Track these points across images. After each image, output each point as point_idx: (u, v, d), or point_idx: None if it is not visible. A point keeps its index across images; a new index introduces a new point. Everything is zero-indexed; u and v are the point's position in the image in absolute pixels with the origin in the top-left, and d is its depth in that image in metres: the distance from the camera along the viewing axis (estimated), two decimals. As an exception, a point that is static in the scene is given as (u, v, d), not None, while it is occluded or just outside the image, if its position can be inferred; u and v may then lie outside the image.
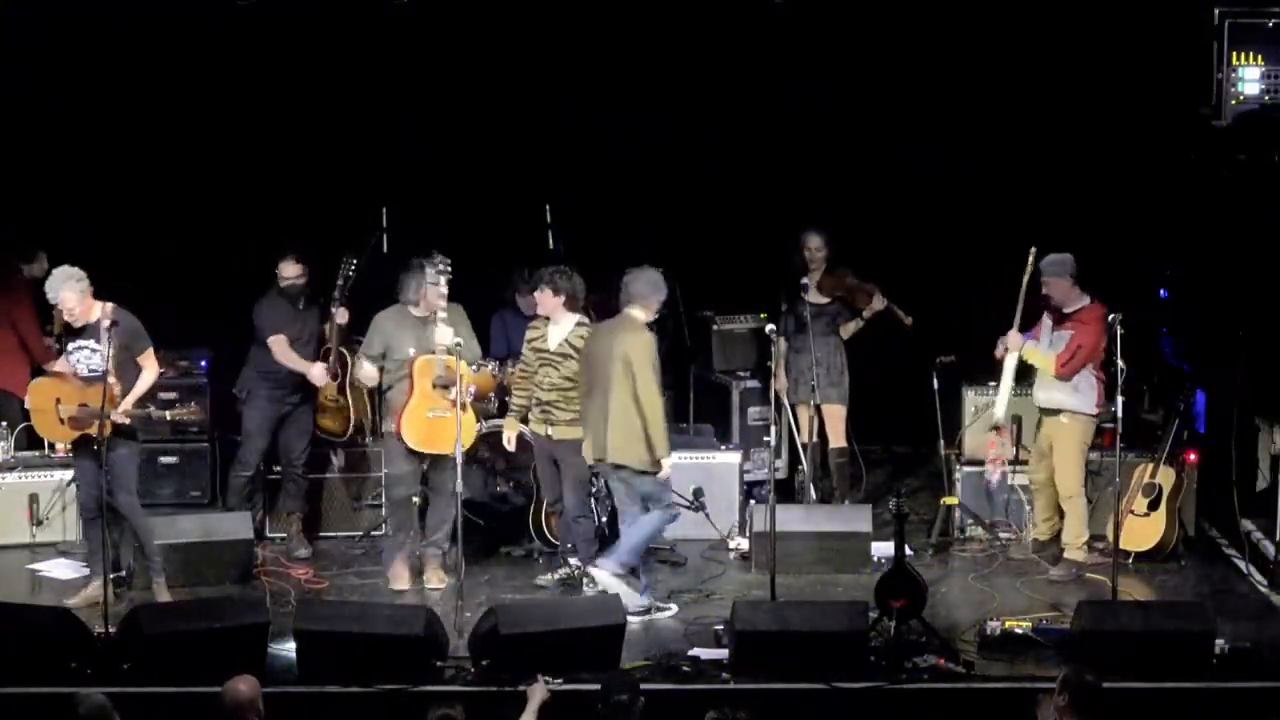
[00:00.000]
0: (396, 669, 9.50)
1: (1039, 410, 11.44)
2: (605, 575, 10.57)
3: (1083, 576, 11.22)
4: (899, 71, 13.14)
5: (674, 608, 10.76)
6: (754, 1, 12.43)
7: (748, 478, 12.52)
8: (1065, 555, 11.36)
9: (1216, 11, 11.22)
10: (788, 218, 12.65)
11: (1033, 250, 11.06)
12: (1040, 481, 11.52)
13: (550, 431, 11.01)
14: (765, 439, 12.21)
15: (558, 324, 11.03)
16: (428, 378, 10.73)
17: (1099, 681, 8.32)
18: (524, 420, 11.25)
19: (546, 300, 11.03)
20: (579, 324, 11.04)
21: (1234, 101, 11.26)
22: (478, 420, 11.29)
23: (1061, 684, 8.32)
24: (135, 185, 13.23)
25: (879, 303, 12.35)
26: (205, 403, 12.36)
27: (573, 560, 11.10)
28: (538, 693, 8.69)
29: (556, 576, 11.19)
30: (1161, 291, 13.19)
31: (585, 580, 10.91)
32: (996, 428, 11.60)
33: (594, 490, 11.75)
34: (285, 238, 12.97)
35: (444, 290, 10.72)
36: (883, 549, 11.28)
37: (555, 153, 13.36)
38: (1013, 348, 11.23)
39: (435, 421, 10.69)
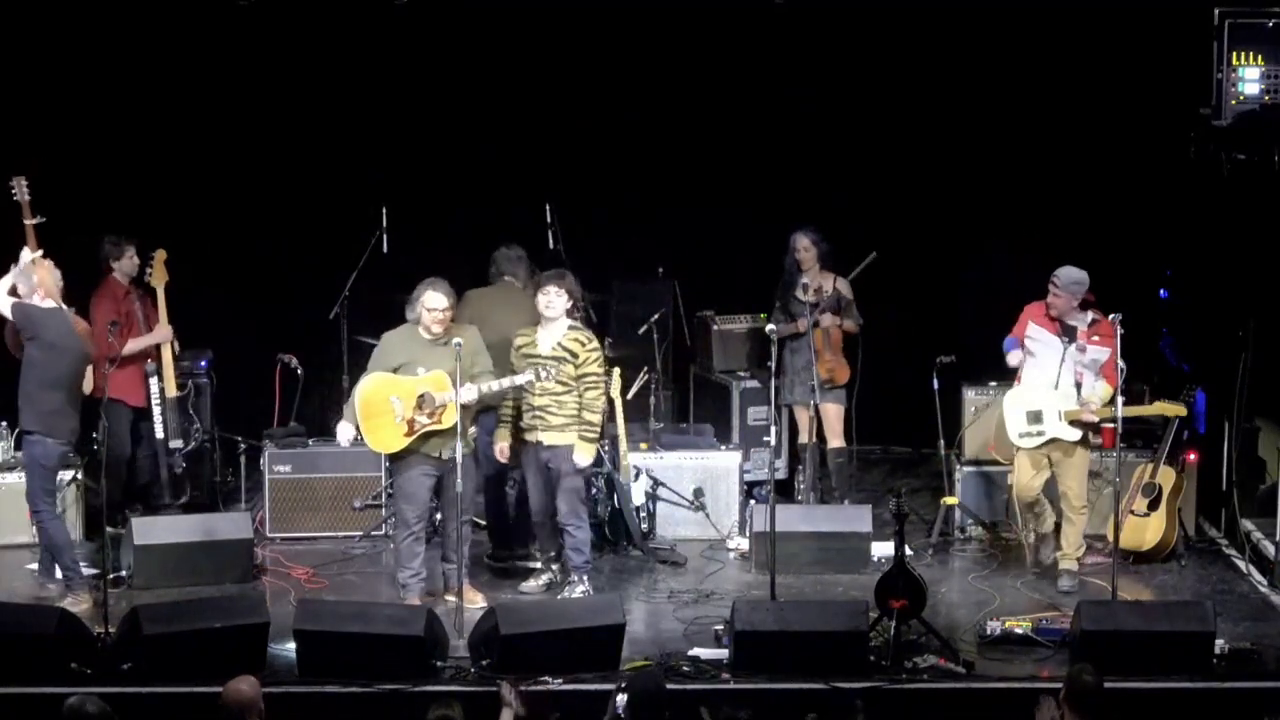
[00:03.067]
0: (396, 669, 9.50)
1: (1050, 441, 11.07)
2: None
3: (1085, 584, 11.18)
4: (899, 71, 13.15)
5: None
6: (754, 1, 12.45)
7: (748, 478, 12.53)
8: (1063, 566, 11.19)
9: (1216, 11, 11.23)
10: (788, 218, 12.64)
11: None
12: (1034, 496, 11.20)
13: (542, 437, 10.79)
14: (765, 439, 12.20)
15: (550, 328, 10.81)
16: (429, 387, 10.34)
17: (1100, 680, 8.34)
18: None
19: (560, 303, 10.76)
20: (571, 327, 10.84)
21: (1234, 101, 11.27)
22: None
23: (1065, 681, 8.35)
24: (133, 184, 13.22)
25: (851, 326, 12.27)
26: (206, 402, 12.38)
27: (554, 566, 11.07)
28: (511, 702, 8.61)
29: (540, 583, 11.12)
30: (1161, 291, 13.19)
31: (568, 585, 10.89)
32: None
33: (593, 492, 11.74)
34: (285, 237, 13.03)
35: (440, 316, 10.39)
36: (883, 549, 11.28)
37: (555, 152, 13.36)
38: (1101, 412, 10.93)
39: (388, 411, 10.36)
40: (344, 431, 10.63)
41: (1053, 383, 11.04)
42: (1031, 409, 11.07)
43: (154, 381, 11.81)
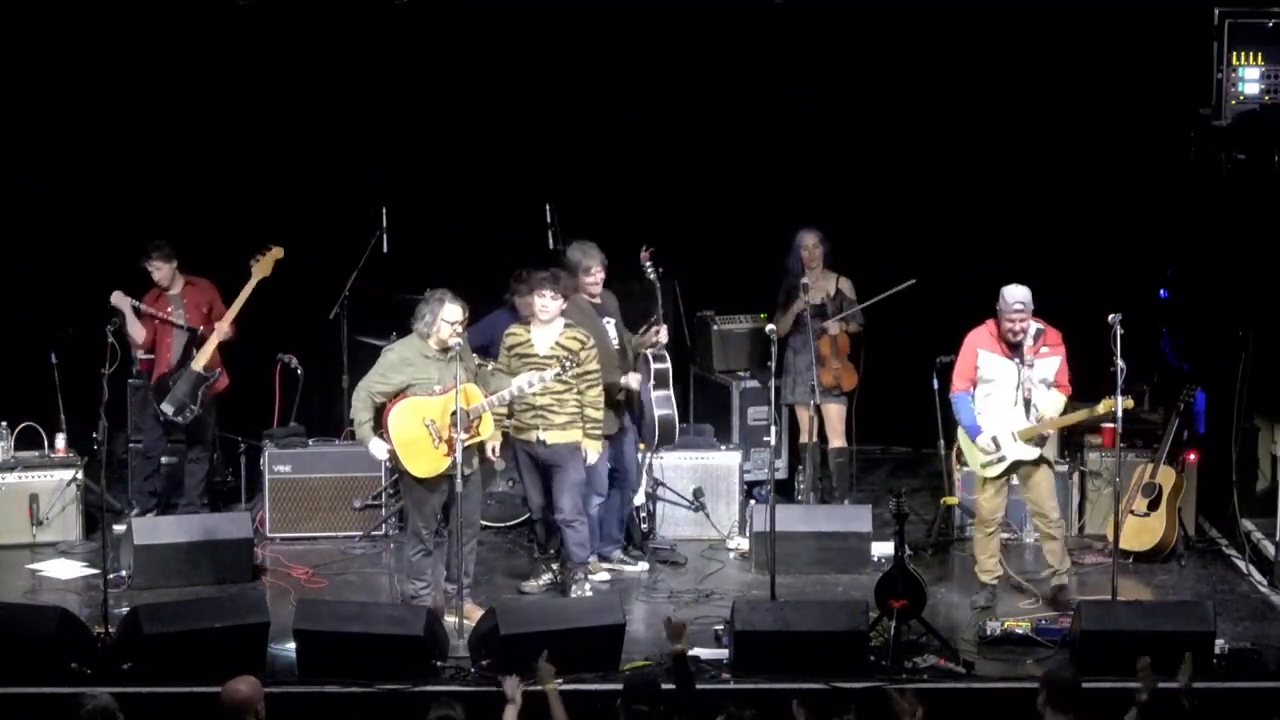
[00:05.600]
0: (396, 669, 9.50)
1: (1014, 463, 10.70)
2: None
3: (1084, 584, 11.14)
4: (899, 71, 13.15)
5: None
6: (754, 1, 12.45)
7: (748, 478, 12.52)
8: (1055, 583, 10.89)
9: (1216, 11, 11.22)
10: (788, 218, 12.64)
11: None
12: (1000, 519, 10.92)
13: (544, 436, 10.78)
14: (765, 439, 12.20)
15: (545, 327, 10.78)
16: (460, 404, 10.16)
17: (1076, 678, 8.30)
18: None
19: (554, 306, 10.71)
20: (567, 325, 10.81)
21: (1234, 101, 11.26)
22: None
23: (1041, 681, 8.31)
24: (133, 184, 13.22)
25: (854, 327, 12.26)
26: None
27: (554, 565, 11.07)
28: (517, 694, 8.53)
29: (541, 583, 11.14)
30: (1161, 291, 13.19)
31: (575, 583, 10.88)
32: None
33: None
34: (285, 237, 12.99)
35: (459, 329, 10.25)
36: (883, 549, 11.28)
37: (555, 152, 13.36)
38: (1054, 424, 10.73)
39: (424, 436, 10.22)
40: (378, 449, 10.40)
41: (1011, 404, 10.62)
42: (990, 436, 10.68)
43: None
